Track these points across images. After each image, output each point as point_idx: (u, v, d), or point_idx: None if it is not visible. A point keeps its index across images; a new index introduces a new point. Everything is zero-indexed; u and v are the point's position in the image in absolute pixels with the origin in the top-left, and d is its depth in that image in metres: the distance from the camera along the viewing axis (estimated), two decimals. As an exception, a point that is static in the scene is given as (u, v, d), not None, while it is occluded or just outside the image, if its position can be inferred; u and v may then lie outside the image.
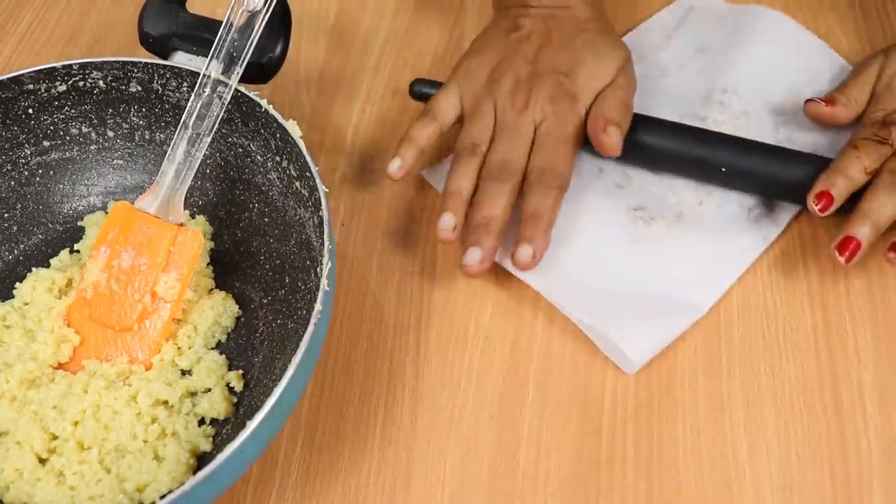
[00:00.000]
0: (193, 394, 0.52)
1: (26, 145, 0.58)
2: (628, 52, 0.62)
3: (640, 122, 0.60)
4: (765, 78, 0.65)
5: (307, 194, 0.51)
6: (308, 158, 0.50)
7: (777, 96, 0.65)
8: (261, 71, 0.56)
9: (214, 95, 0.52)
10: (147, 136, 0.59)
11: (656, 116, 0.61)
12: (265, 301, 0.55)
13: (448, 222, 0.55)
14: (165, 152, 0.53)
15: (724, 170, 0.59)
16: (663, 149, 0.60)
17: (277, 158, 0.53)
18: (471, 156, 0.57)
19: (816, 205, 0.55)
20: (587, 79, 0.59)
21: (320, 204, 0.48)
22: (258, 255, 0.57)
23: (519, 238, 0.55)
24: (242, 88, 0.53)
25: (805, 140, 0.62)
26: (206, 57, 0.52)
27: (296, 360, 0.44)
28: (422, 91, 0.63)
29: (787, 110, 0.64)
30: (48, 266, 0.57)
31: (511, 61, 0.60)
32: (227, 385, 0.52)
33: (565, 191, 0.57)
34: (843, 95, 0.61)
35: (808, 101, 0.62)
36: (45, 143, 0.59)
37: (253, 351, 0.54)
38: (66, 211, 0.60)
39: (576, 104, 0.59)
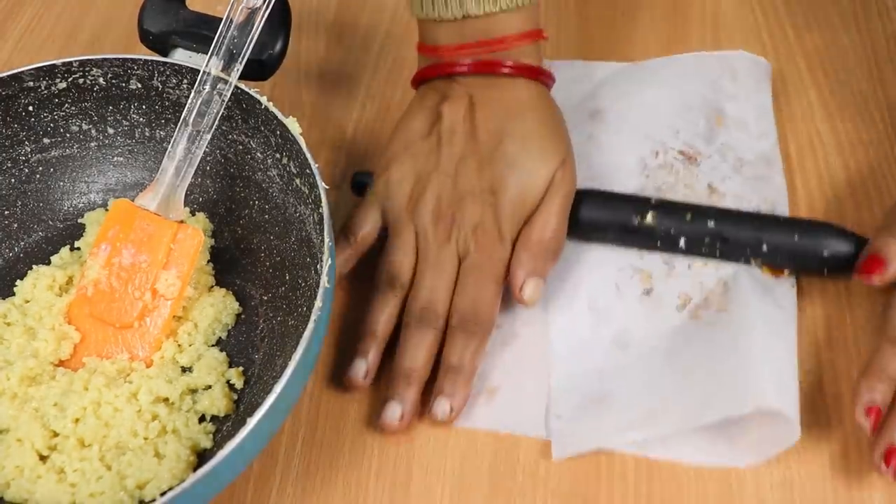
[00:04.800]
0: (194, 391, 0.52)
1: (26, 143, 0.58)
2: (565, 148, 0.57)
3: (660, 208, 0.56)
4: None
5: (307, 191, 0.51)
6: (308, 155, 0.50)
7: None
8: (261, 68, 0.55)
9: (214, 92, 0.52)
10: (147, 134, 0.59)
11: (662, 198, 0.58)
12: (265, 298, 0.55)
13: (359, 370, 0.53)
14: (165, 149, 0.53)
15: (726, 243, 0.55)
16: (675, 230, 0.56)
17: (277, 155, 0.53)
18: (390, 290, 0.54)
19: (867, 420, 0.48)
20: (513, 206, 0.55)
21: (320, 201, 0.48)
22: (258, 252, 0.57)
23: (436, 390, 0.52)
24: (242, 85, 0.53)
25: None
26: (206, 54, 0.52)
27: (296, 357, 0.44)
28: (362, 183, 0.60)
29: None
30: (49, 263, 0.57)
31: (432, 176, 0.56)
32: (228, 382, 0.52)
33: (488, 335, 0.53)
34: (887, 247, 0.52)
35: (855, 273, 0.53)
36: (46, 141, 0.59)
37: (253, 348, 0.54)
38: (66, 208, 0.60)
39: (501, 241, 0.54)
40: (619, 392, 0.52)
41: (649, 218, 0.56)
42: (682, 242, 0.56)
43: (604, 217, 0.57)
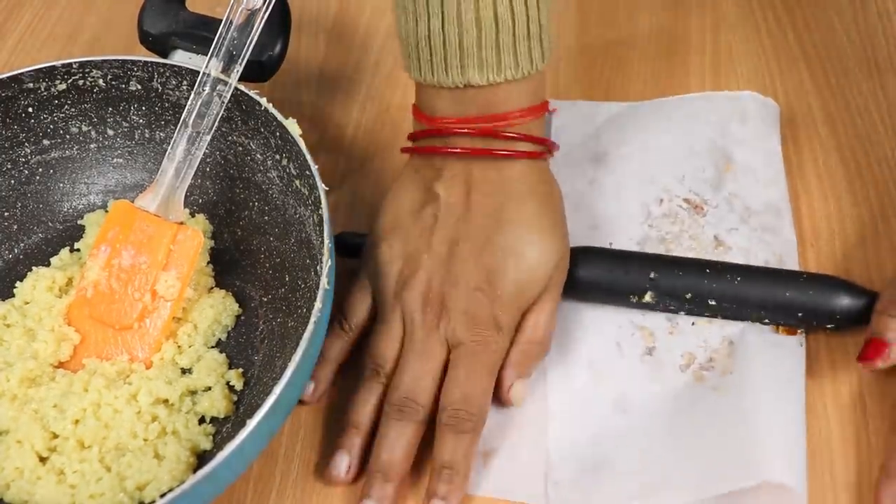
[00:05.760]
0: (193, 392, 0.52)
1: (26, 144, 0.58)
2: (566, 242, 0.53)
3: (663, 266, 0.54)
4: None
5: (307, 193, 0.51)
6: (308, 157, 0.50)
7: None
8: (260, 69, 0.56)
9: (214, 94, 0.52)
10: (147, 135, 0.59)
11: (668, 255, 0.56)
12: (265, 299, 0.55)
13: (341, 464, 0.49)
14: (165, 151, 0.53)
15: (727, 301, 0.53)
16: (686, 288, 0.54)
17: (277, 157, 0.53)
18: (374, 379, 0.51)
19: None
20: (511, 297, 0.51)
21: (320, 202, 0.49)
22: (258, 253, 0.57)
23: (430, 492, 0.48)
24: (242, 87, 0.53)
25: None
26: (206, 55, 0.52)
27: (296, 358, 0.44)
28: (345, 243, 0.57)
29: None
30: (48, 265, 0.57)
31: (422, 258, 0.52)
32: (228, 383, 0.52)
33: (481, 431, 0.50)
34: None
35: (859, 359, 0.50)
36: (45, 142, 0.59)
37: (253, 349, 0.54)
38: (66, 209, 0.60)
39: (499, 331, 0.51)
40: (620, 459, 0.50)
41: (647, 297, 0.54)
42: (682, 314, 0.54)
43: (602, 285, 0.55)
